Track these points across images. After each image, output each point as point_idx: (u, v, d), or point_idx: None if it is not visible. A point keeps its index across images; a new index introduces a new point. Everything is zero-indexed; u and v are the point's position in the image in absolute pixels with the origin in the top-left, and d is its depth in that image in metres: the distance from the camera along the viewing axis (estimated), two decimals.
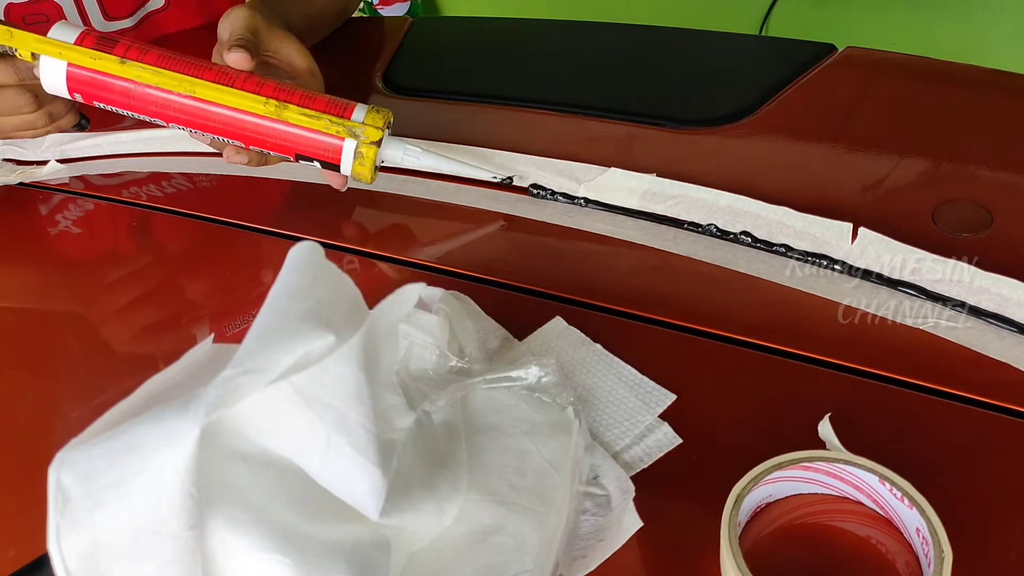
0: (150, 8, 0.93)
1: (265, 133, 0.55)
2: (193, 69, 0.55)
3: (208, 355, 0.35)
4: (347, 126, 0.55)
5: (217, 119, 0.55)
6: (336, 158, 0.56)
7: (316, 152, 0.56)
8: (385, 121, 0.56)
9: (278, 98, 0.55)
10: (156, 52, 0.55)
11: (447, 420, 0.40)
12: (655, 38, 0.80)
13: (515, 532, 0.36)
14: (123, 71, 0.55)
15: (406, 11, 2.13)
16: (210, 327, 0.55)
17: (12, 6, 0.82)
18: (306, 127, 0.55)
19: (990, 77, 0.66)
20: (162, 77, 0.54)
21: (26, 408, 0.50)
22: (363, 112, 0.56)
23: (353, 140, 0.55)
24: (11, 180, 0.71)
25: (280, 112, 0.54)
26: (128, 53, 0.55)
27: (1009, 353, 0.44)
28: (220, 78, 0.55)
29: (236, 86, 0.55)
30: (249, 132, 0.56)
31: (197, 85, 0.54)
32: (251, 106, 0.55)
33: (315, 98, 0.55)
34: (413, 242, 0.60)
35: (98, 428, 0.31)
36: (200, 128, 0.57)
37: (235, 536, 0.30)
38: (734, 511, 0.35)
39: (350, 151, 0.55)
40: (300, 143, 0.56)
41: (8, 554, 0.41)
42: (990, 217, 0.52)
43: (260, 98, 0.54)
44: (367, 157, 0.55)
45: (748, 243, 0.53)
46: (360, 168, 0.56)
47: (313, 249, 0.34)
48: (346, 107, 0.56)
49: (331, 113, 0.55)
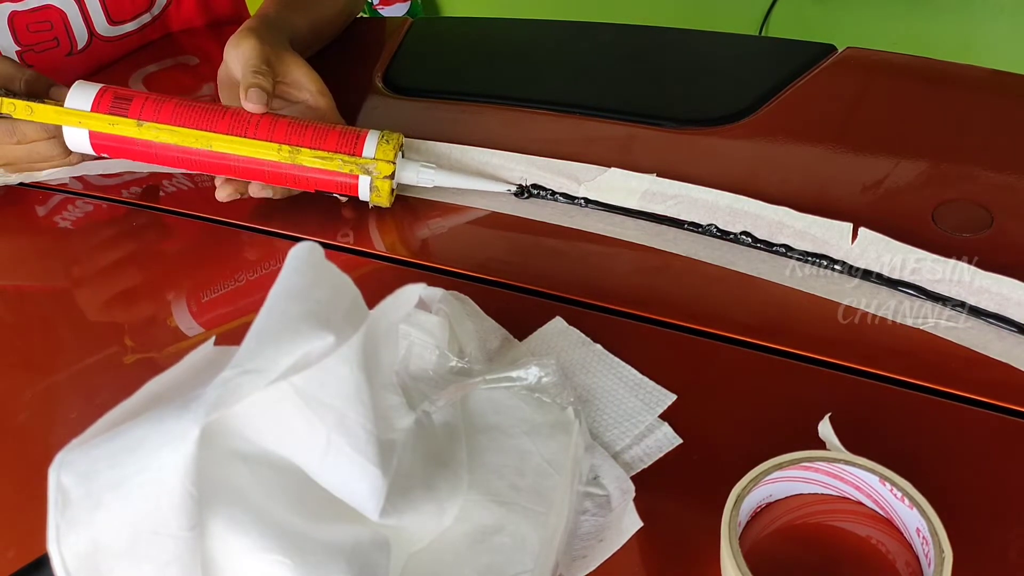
0: (154, 12, 0.93)
1: (283, 172, 0.58)
2: (207, 121, 0.57)
3: (209, 356, 0.35)
4: (360, 164, 0.57)
5: (236, 165, 0.58)
6: (354, 190, 0.58)
7: (334, 187, 0.59)
8: (396, 149, 0.58)
9: (291, 142, 0.57)
10: (171, 106, 0.58)
11: (447, 420, 0.40)
12: (655, 38, 0.80)
13: (515, 532, 0.36)
14: (140, 133, 0.57)
15: (406, 11, 2.13)
16: (211, 328, 0.55)
17: (16, 14, 0.82)
18: (320, 168, 0.57)
19: (990, 77, 0.66)
20: (179, 136, 0.57)
21: (26, 408, 0.50)
22: (374, 143, 0.57)
23: (367, 176, 0.57)
24: (11, 180, 0.71)
25: (294, 157, 0.57)
26: (143, 114, 0.57)
27: (1009, 353, 0.44)
28: (234, 128, 0.57)
29: (249, 135, 0.57)
30: (268, 172, 0.58)
31: (213, 140, 0.57)
32: (266, 154, 0.57)
33: (327, 135, 0.57)
34: (413, 242, 0.60)
35: (98, 428, 0.31)
36: (222, 173, 0.59)
37: (235, 536, 0.30)
38: (734, 511, 0.35)
39: (365, 185, 0.58)
40: (317, 181, 0.58)
41: (8, 554, 0.41)
42: (990, 217, 0.52)
43: (274, 145, 0.57)
44: (382, 190, 0.58)
45: (748, 243, 0.53)
46: (377, 199, 0.59)
47: (313, 249, 0.34)
48: (357, 139, 0.57)
49: (343, 151, 0.57)
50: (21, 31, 0.56)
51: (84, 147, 0.59)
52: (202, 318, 0.56)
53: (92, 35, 0.88)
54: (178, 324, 0.55)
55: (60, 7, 0.84)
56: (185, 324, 0.55)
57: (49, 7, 0.84)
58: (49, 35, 0.55)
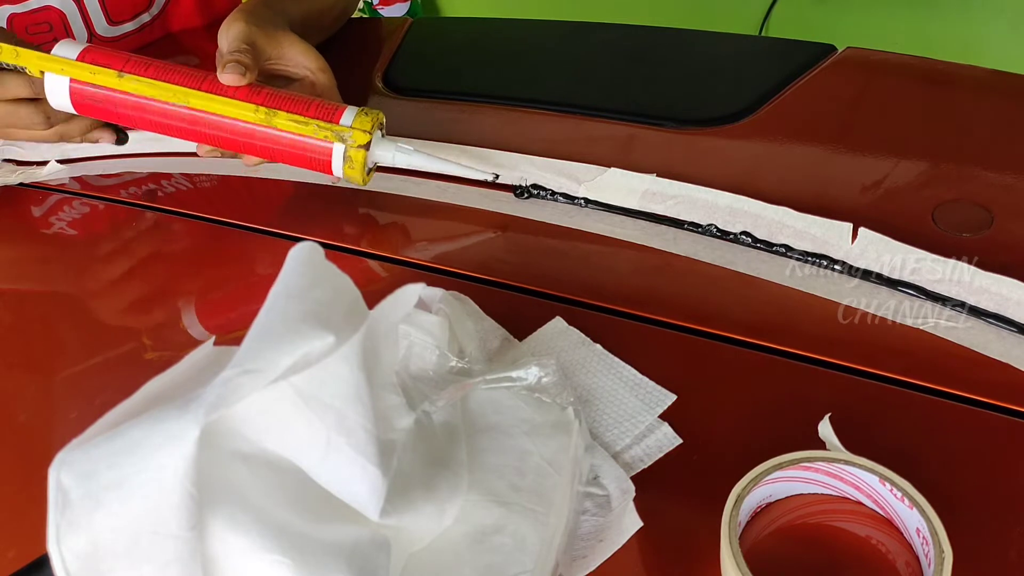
0: (153, 11, 0.93)
1: (257, 139, 0.57)
2: (190, 80, 0.57)
3: (209, 357, 0.35)
4: (335, 131, 0.56)
5: (212, 128, 0.57)
6: (327, 162, 0.57)
7: (307, 157, 0.57)
8: (374, 123, 0.57)
9: (269, 105, 0.56)
10: (156, 66, 0.57)
11: (447, 420, 0.40)
12: (655, 38, 0.80)
13: (515, 532, 0.36)
14: (120, 84, 0.57)
15: (406, 11, 2.13)
16: (210, 328, 0.55)
17: (16, 16, 0.82)
18: (295, 132, 0.56)
19: (990, 77, 0.66)
20: (157, 89, 0.56)
21: (26, 408, 0.50)
22: (352, 115, 0.56)
23: (341, 144, 0.56)
24: (11, 180, 0.71)
25: (270, 119, 0.56)
26: (126, 67, 0.57)
27: (1009, 353, 0.44)
28: (215, 89, 0.56)
29: (228, 95, 0.56)
30: (242, 139, 0.57)
31: (191, 96, 0.56)
32: (241, 114, 0.56)
33: (307, 104, 0.57)
34: (413, 242, 0.60)
35: (98, 428, 0.31)
36: (197, 139, 0.58)
37: (235, 536, 0.30)
38: (734, 511, 0.35)
39: (339, 155, 0.56)
40: (291, 149, 0.57)
41: (8, 554, 0.41)
42: (990, 217, 0.52)
43: (250, 106, 0.56)
44: (356, 161, 0.56)
45: (748, 243, 0.53)
46: (350, 171, 0.57)
47: (313, 249, 0.34)
48: (335, 111, 0.57)
49: (320, 118, 0.56)
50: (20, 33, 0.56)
51: (63, 99, 0.59)
52: (204, 318, 0.56)
53: (92, 36, 0.88)
54: (185, 326, 0.55)
55: (59, 8, 0.84)
56: (188, 324, 0.55)
57: (48, 8, 0.84)
58: (48, 36, 0.56)
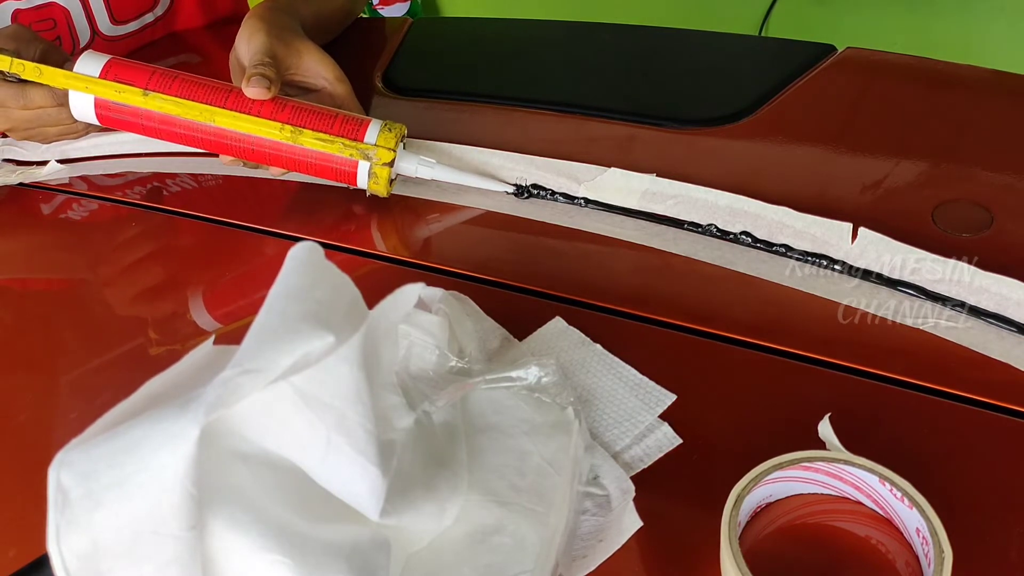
0: (157, 12, 0.93)
1: (284, 152, 0.58)
2: (215, 96, 0.58)
3: (208, 356, 0.35)
4: (360, 148, 0.57)
5: (238, 144, 0.58)
6: (352, 177, 0.58)
7: (332, 174, 0.58)
8: (398, 138, 0.58)
9: (293, 123, 0.57)
10: (180, 81, 0.58)
11: (447, 420, 0.40)
12: (655, 38, 0.80)
13: (515, 532, 0.36)
14: (146, 103, 0.57)
15: (406, 11, 2.13)
16: (210, 328, 0.55)
17: (20, 11, 0.82)
18: (321, 151, 0.57)
19: (990, 77, 0.66)
20: (183, 108, 0.57)
21: (26, 408, 0.50)
22: (376, 131, 0.57)
23: (367, 162, 0.57)
24: (11, 180, 0.71)
25: (295, 137, 0.57)
26: (151, 83, 0.57)
27: (1009, 353, 0.44)
28: (239, 105, 0.57)
29: (253, 112, 0.57)
30: (269, 151, 0.58)
31: (216, 114, 0.57)
32: (268, 132, 0.57)
33: (332, 120, 0.57)
34: (413, 242, 0.60)
35: (98, 428, 0.31)
36: (224, 151, 0.59)
37: (235, 536, 0.30)
38: (734, 511, 0.35)
39: (364, 171, 0.58)
40: (317, 162, 0.58)
41: (8, 554, 0.41)
42: (990, 217, 0.52)
43: (276, 124, 0.57)
44: (380, 177, 0.58)
45: (748, 243, 0.53)
46: (375, 187, 0.58)
47: (313, 249, 0.34)
48: (360, 126, 0.57)
49: (345, 135, 0.57)
50: None
51: (89, 115, 0.59)
52: (203, 318, 0.56)
53: (95, 34, 0.88)
54: (184, 323, 0.55)
55: (64, 5, 0.84)
56: (188, 321, 0.55)
57: (53, 5, 0.84)
58: (52, 33, 0.56)
